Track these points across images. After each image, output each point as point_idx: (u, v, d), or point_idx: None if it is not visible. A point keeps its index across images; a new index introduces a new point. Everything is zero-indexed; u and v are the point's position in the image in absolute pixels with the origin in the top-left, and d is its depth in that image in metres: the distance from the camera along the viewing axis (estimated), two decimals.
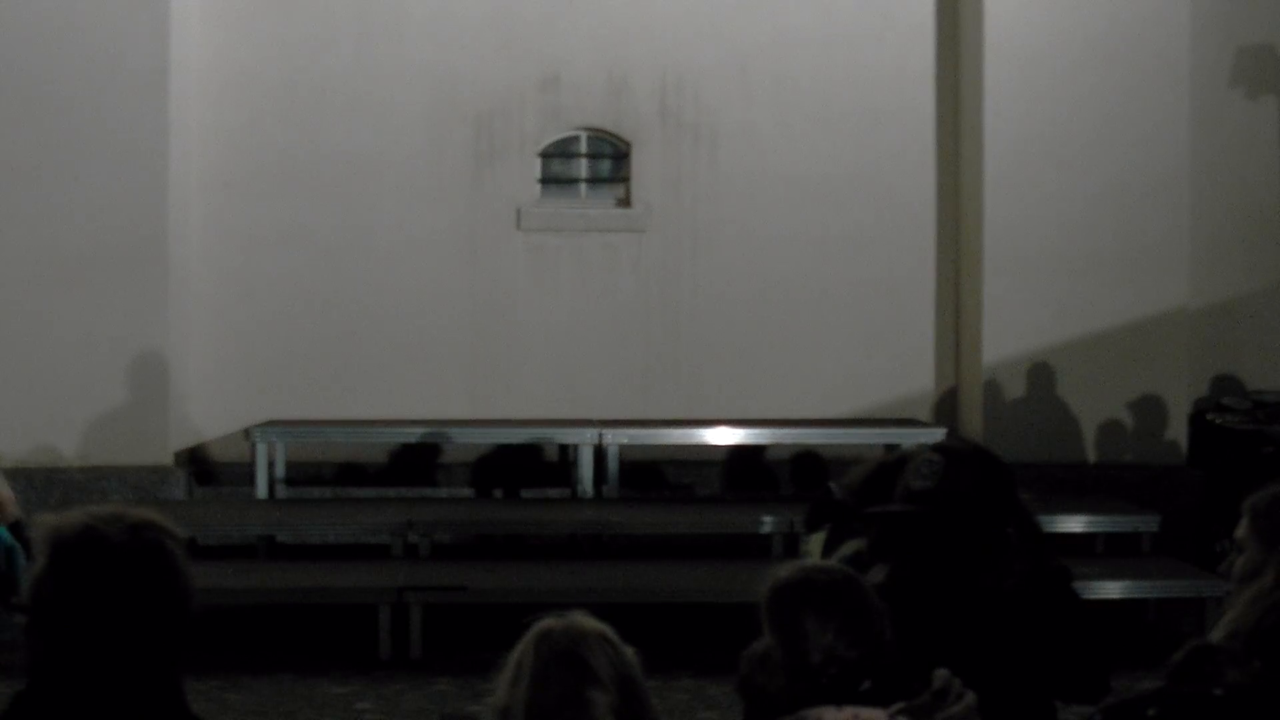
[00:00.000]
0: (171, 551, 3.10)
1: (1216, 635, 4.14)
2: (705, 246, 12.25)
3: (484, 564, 10.56)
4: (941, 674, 3.36)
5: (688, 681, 9.26)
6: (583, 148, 12.45)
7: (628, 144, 12.32)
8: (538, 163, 12.37)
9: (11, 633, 10.04)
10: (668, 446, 12.03)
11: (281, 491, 11.63)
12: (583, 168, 12.50)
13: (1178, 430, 11.94)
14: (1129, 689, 3.58)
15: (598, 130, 12.36)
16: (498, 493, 12.13)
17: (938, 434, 11.22)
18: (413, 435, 11.85)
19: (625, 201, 12.37)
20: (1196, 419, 12.04)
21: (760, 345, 12.24)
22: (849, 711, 3.33)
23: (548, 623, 3.25)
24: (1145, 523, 10.87)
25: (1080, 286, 11.80)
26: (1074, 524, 10.73)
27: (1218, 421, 11.90)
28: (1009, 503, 4.35)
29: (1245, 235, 12.35)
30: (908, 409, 12.27)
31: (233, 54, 12.01)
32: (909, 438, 11.29)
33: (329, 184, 12.06)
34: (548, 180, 12.41)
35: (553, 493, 11.99)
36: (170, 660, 3.12)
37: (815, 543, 6.30)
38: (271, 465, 11.58)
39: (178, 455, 11.71)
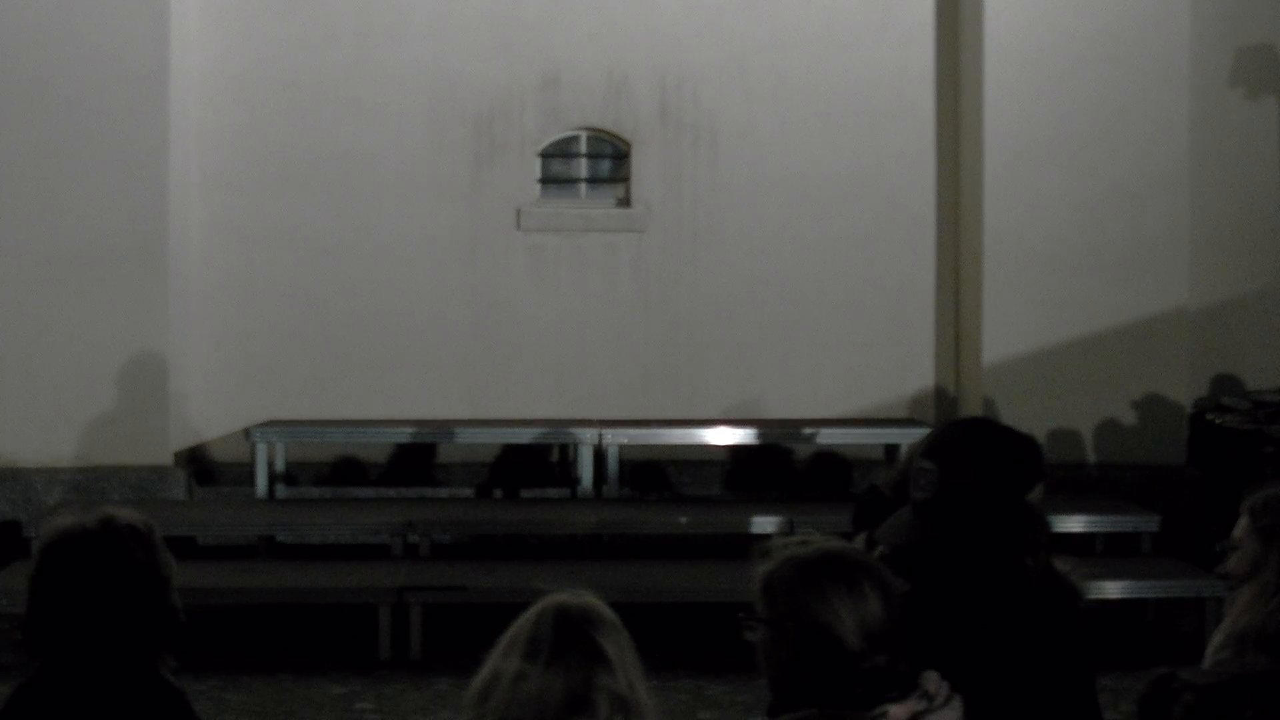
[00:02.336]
0: (130, 543, 3.49)
1: (1219, 637, 4.14)
2: (705, 246, 12.25)
3: (484, 564, 10.56)
4: (932, 674, 3.34)
5: (688, 681, 9.27)
6: (583, 148, 12.45)
7: (628, 144, 12.32)
8: (538, 163, 12.37)
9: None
10: (668, 446, 12.03)
11: (281, 491, 11.64)
12: (583, 168, 12.50)
13: (1178, 430, 11.93)
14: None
15: (598, 130, 12.36)
16: (498, 493, 12.13)
17: None
18: (413, 435, 11.86)
19: (625, 201, 12.37)
20: (1196, 419, 12.04)
21: (760, 345, 12.24)
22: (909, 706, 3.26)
23: (562, 599, 3.22)
24: (1145, 523, 10.87)
25: (1080, 286, 11.80)
26: (1074, 524, 10.73)
27: (1218, 421, 11.89)
28: (1011, 495, 4.23)
29: (1245, 235, 12.35)
30: (908, 409, 12.28)
31: (233, 54, 12.01)
32: (909, 438, 11.30)
33: (329, 184, 12.06)
34: (548, 180, 12.41)
35: (553, 493, 11.99)
36: (144, 639, 3.46)
37: (857, 544, 6.20)
38: (271, 465, 11.59)
39: (178, 455, 11.71)
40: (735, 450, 12.13)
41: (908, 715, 3.25)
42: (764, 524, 10.76)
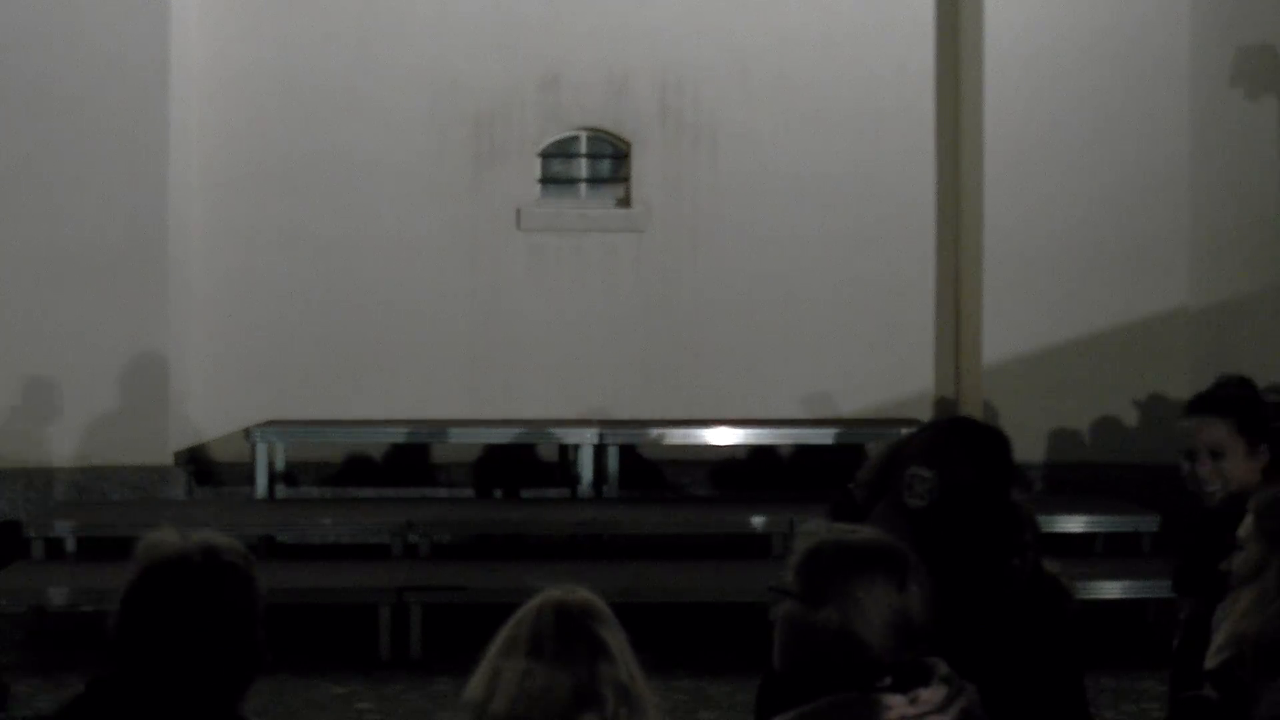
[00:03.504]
0: (244, 578, 3.54)
1: (1220, 638, 4.13)
2: (705, 246, 12.25)
3: (484, 564, 10.56)
4: (941, 662, 3.33)
5: (687, 681, 9.27)
6: (583, 148, 12.45)
7: (628, 144, 12.32)
8: (538, 163, 12.37)
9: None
10: (668, 446, 12.02)
11: (281, 491, 11.64)
12: (583, 168, 12.50)
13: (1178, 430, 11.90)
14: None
15: (598, 130, 12.36)
16: (498, 493, 12.13)
17: None
18: (413, 435, 11.85)
19: (625, 201, 12.37)
20: None
21: (760, 345, 12.23)
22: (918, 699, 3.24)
23: (557, 595, 3.22)
24: (1145, 523, 10.87)
25: (1080, 286, 11.80)
26: (1074, 524, 10.73)
27: None
28: (1006, 493, 4.25)
29: (1245, 235, 12.34)
30: (908, 409, 12.26)
31: (233, 53, 12.01)
32: None
33: (329, 184, 12.05)
34: (548, 180, 12.41)
35: (553, 493, 11.98)
36: (226, 675, 3.43)
37: None
38: (271, 465, 11.59)
39: (178, 455, 11.71)
40: (735, 450, 12.13)
41: (941, 699, 3.22)
42: (764, 524, 10.76)
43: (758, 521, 10.80)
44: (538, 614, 3.15)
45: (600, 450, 11.62)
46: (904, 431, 11.28)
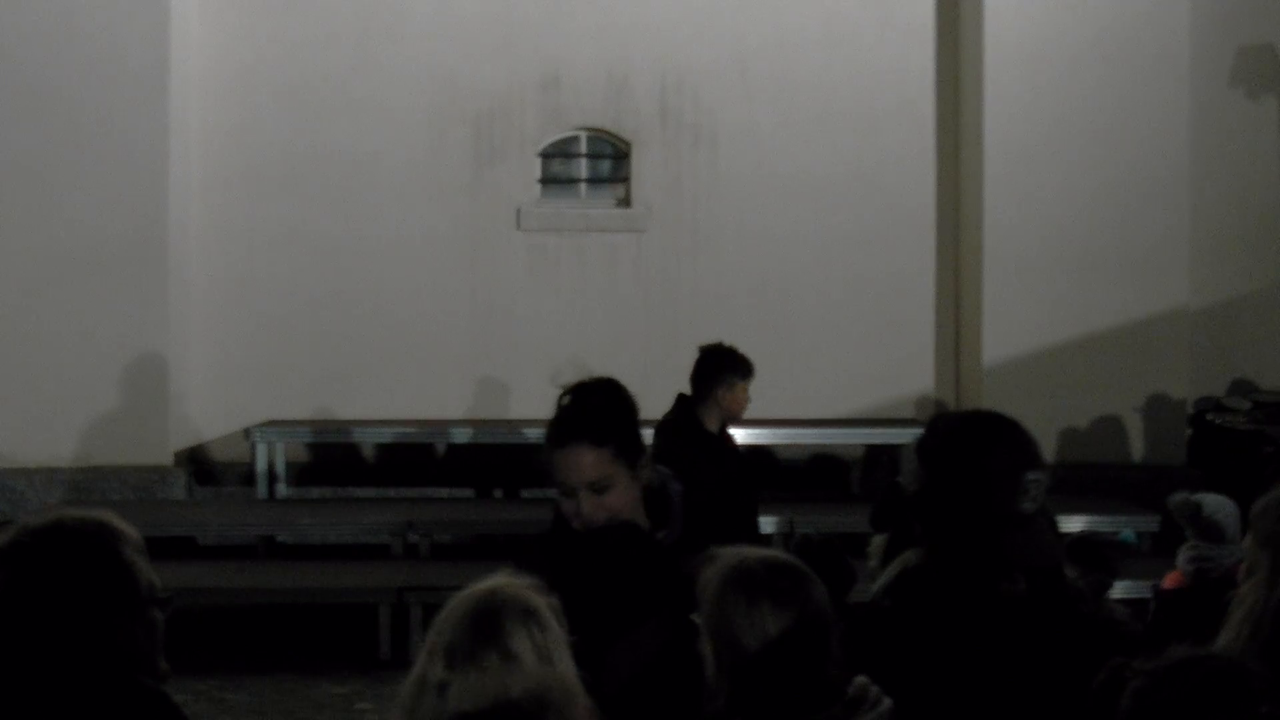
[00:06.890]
0: (96, 546, 3.14)
1: (1224, 639, 4.13)
2: (705, 246, 12.25)
3: (484, 564, 10.53)
4: (860, 681, 3.33)
5: None
6: (583, 148, 12.45)
7: (628, 144, 12.32)
8: (538, 163, 12.37)
9: None
10: None
11: (281, 491, 11.64)
12: (583, 168, 12.50)
13: (1178, 430, 11.93)
14: None
15: (598, 130, 12.36)
16: (498, 493, 12.13)
17: None
18: (413, 435, 11.86)
19: (625, 201, 12.37)
20: (1196, 419, 12.03)
21: (760, 345, 12.18)
22: None
23: (478, 594, 3.24)
24: (1145, 523, 10.87)
25: (1080, 286, 11.80)
26: (1074, 524, 10.72)
27: (1218, 421, 11.89)
28: None
29: (1245, 235, 12.35)
30: (908, 409, 12.27)
31: (233, 54, 12.01)
32: (909, 438, 11.30)
33: (329, 184, 12.06)
34: (548, 180, 12.42)
35: (553, 492, 11.96)
36: (116, 644, 3.14)
37: (876, 546, 6.15)
38: (271, 465, 11.59)
39: (178, 455, 11.71)
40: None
41: None
42: (763, 524, 10.75)
43: (757, 522, 10.78)
44: (455, 619, 3.18)
45: None
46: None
